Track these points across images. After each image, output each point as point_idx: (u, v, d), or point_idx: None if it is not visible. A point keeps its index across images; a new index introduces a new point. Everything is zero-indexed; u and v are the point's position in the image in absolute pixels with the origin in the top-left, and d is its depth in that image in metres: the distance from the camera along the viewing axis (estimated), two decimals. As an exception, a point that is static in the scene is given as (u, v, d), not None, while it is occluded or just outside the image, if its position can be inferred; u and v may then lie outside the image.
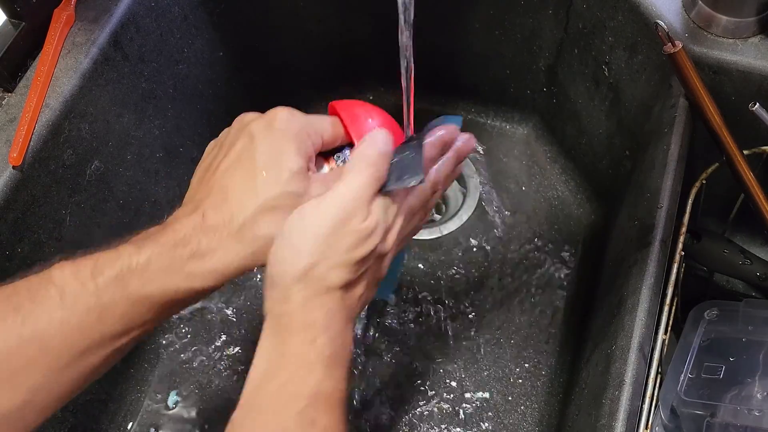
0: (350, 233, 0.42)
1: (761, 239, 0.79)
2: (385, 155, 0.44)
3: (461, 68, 0.93)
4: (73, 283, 0.40)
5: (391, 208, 0.44)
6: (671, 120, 0.63)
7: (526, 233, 0.88)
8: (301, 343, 0.40)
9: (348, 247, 0.42)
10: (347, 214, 0.42)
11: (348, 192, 0.42)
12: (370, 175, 0.43)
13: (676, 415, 0.54)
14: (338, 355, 0.42)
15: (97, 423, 0.76)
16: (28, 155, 0.59)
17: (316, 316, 0.41)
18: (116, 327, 0.41)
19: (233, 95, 0.88)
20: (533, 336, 0.81)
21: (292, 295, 0.41)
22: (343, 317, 0.42)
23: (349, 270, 0.42)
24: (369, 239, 0.42)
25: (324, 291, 0.42)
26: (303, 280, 0.41)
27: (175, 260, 0.42)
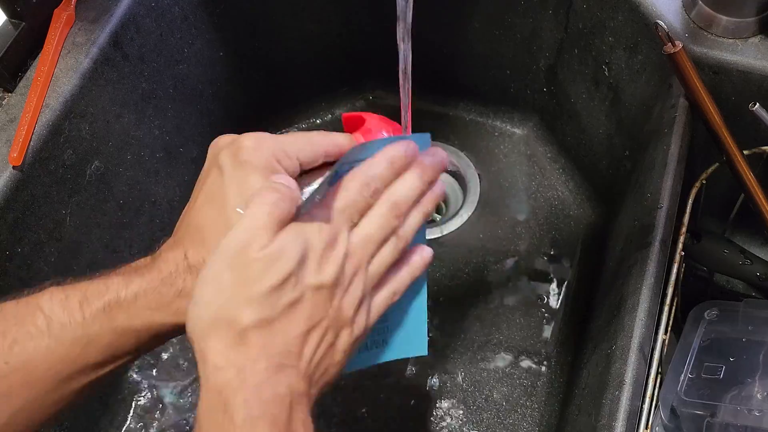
0: (250, 263, 0.37)
1: (761, 239, 0.79)
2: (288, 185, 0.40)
3: (461, 68, 0.93)
4: (61, 313, 0.40)
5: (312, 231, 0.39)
6: (671, 120, 0.63)
7: (526, 233, 0.88)
8: (215, 412, 0.36)
9: (251, 278, 0.37)
10: (241, 244, 0.37)
11: (240, 227, 0.38)
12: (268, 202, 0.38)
13: (676, 415, 0.54)
14: (261, 415, 0.36)
15: (97, 423, 0.76)
16: (28, 155, 0.59)
17: (226, 377, 0.36)
18: (100, 357, 0.41)
19: (233, 95, 0.88)
20: (533, 336, 0.81)
21: (207, 353, 0.37)
22: (263, 368, 0.36)
23: (261, 303, 0.37)
24: (276, 264, 0.37)
25: (238, 338, 0.36)
26: (213, 330, 0.37)
27: (162, 297, 0.41)
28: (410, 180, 0.42)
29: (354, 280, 0.40)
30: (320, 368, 0.40)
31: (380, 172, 0.41)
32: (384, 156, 0.41)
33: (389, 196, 0.41)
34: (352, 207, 0.40)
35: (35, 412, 0.41)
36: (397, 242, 0.42)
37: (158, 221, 0.78)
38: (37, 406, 0.40)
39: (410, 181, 0.42)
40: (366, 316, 0.42)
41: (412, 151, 0.42)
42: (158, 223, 0.78)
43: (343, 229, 0.40)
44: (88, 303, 0.41)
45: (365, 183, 0.41)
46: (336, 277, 0.39)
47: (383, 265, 0.42)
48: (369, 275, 0.41)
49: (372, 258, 0.41)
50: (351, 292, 0.40)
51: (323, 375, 0.40)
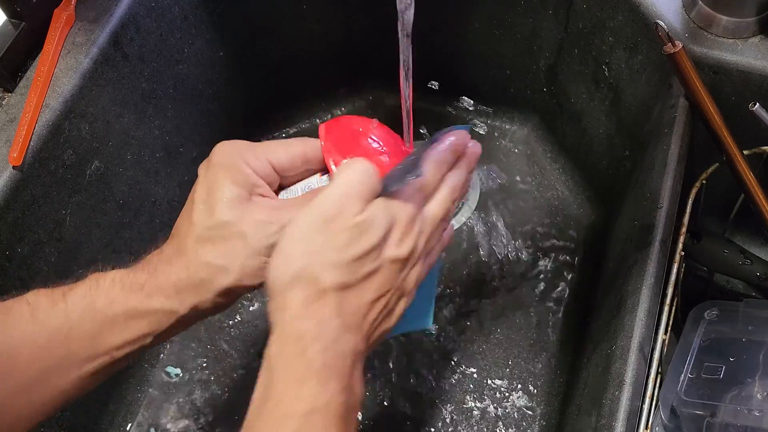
0: (340, 230, 0.40)
1: (761, 239, 0.79)
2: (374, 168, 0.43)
3: (461, 68, 0.93)
4: (45, 302, 0.42)
5: (398, 207, 0.42)
6: (671, 120, 0.63)
7: (526, 233, 0.88)
8: (292, 356, 0.39)
9: (339, 245, 0.40)
10: (336, 210, 0.40)
11: (335, 190, 0.41)
12: (360, 171, 0.41)
13: (676, 415, 0.54)
14: (333, 365, 0.39)
15: (97, 423, 0.76)
16: (28, 155, 0.59)
17: (306, 326, 0.39)
18: (83, 348, 0.42)
19: (233, 95, 0.88)
20: (533, 336, 0.81)
21: (287, 302, 0.39)
22: (338, 325, 0.40)
23: (344, 270, 0.40)
24: (364, 236, 0.40)
25: (318, 295, 0.39)
26: (296, 284, 0.39)
27: (136, 280, 0.43)
28: (462, 170, 0.47)
29: (420, 256, 0.44)
30: (378, 331, 0.43)
31: (447, 157, 0.46)
32: (449, 143, 0.46)
33: (449, 181, 0.46)
34: (428, 188, 0.45)
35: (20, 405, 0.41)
36: (445, 223, 0.47)
37: (158, 221, 0.78)
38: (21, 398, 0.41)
39: (462, 170, 0.47)
40: (416, 287, 0.45)
41: (466, 141, 0.48)
42: (158, 223, 0.78)
43: (420, 206, 0.44)
44: (71, 292, 0.43)
45: (438, 166, 0.45)
46: (410, 253, 0.43)
47: (436, 241, 0.46)
48: (426, 251, 0.45)
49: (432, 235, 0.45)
50: (417, 267, 0.44)
51: (378, 337, 0.44)
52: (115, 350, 0.43)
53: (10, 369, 0.40)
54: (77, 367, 0.42)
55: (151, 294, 0.43)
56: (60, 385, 0.42)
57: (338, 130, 0.48)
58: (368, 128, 0.48)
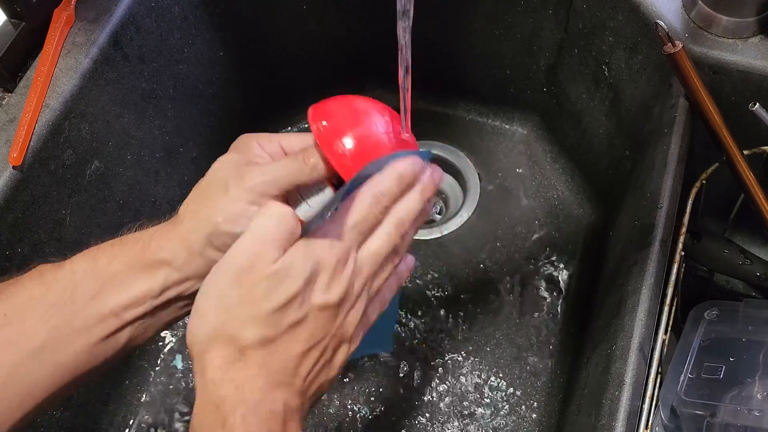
0: (256, 281, 0.37)
1: (761, 239, 0.79)
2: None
3: (461, 68, 0.93)
4: (52, 267, 0.43)
5: (323, 249, 0.39)
6: (671, 120, 0.63)
7: (526, 233, 0.88)
8: (212, 427, 0.36)
9: (256, 297, 0.37)
10: (249, 261, 0.38)
11: (247, 239, 0.38)
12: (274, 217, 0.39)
13: (676, 415, 0.54)
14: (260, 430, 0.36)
15: (97, 423, 0.76)
16: (28, 155, 0.59)
17: (225, 392, 0.36)
18: (90, 307, 0.42)
19: (233, 95, 0.88)
20: (533, 336, 0.81)
21: (206, 366, 0.37)
22: (262, 386, 0.37)
23: (264, 323, 0.37)
24: (283, 284, 0.37)
25: (238, 354, 0.37)
26: (213, 344, 0.37)
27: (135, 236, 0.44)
28: (414, 198, 0.43)
29: (360, 298, 0.41)
30: (315, 384, 0.40)
31: (390, 188, 0.42)
32: (393, 173, 0.42)
33: (396, 213, 0.42)
34: (363, 223, 0.41)
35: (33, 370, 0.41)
36: (396, 257, 0.43)
37: (158, 221, 0.78)
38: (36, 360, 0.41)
39: (414, 199, 0.43)
40: (363, 329, 0.42)
41: (418, 169, 0.43)
42: (158, 223, 0.78)
43: (353, 246, 0.41)
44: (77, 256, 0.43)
45: (376, 200, 0.41)
46: (343, 296, 0.40)
47: (383, 280, 0.43)
48: (371, 291, 0.42)
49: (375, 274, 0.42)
50: (355, 310, 0.41)
51: (317, 390, 0.41)
52: (121, 310, 0.43)
53: (21, 331, 0.41)
54: (86, 329, 0.42)
55: (145, 246, 0.43)
56: (70, 347, 0.42)
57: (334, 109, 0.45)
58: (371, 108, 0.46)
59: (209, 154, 0.84)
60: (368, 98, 0.47)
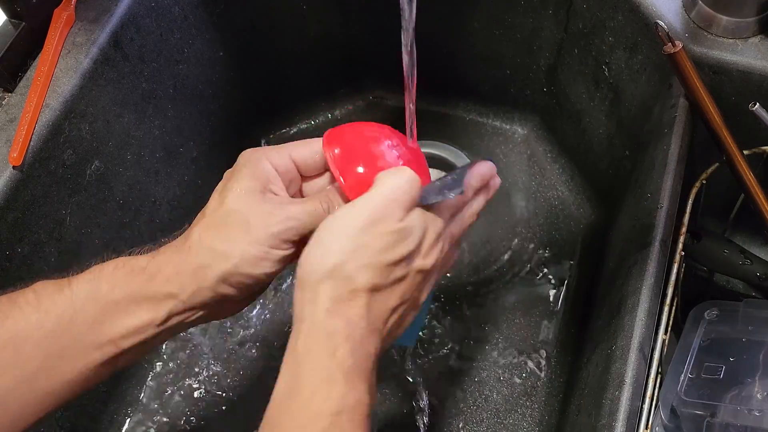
0: (382, 234, 0.41)
1: (761, 239, 0.79)
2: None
3: (461, 68, 0.93)
4: (51, 290, 0.42)
5: (431, 220, 0.44)
6: (671, 120, 0.63)
7: (526, 233, 0.88)
8: (322, 354, 0.39)
9: (378, 248, 0.41)
10: (380, 214, 0.41)
11: (381, 193, 0.42)
12: (406, 179, 0.43)
13: (676, 415, 0.54)
14: (361, 366, 0.40)
15: (97, 423, 0.76)
16: (28, 155, 0.59)
17: (337, 325, 0.40)
18: (88, 335, 0.42)
19: (233, 95, 0.88)
20: (533, 336, 0.81)
21: (318, 296, 0.40)
22: (366, 327, 0.41)
23: (379, 272, 0.41)
24: (402, 243, 0.42)
25: (350, 294, 0.40)
26: (330, 279, 0.40)
27: (138, 264, 0.44)
28: (482, 200, 0.49)
29: (438, 272, 0.46)
30: (390, 337, 0.44)
31: (476, 184, 0.48)
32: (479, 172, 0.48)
33: (473, 206, 0.48)
34: (455, 209, 0.47)
35: (25, 395, 0.41)
36: (459, 243, 0.49)
37: (158, 221, 0.78)
38: (26, 387, 0.41)
39: (482, 200, 0.49)
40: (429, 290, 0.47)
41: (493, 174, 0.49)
42: (158, 223, 0.78)
43: (447, 223, 0.46)
44: (76, 279, 0.43)
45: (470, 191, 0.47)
46: (433, 266, 0.44)
47: (449, 259, 0.48)
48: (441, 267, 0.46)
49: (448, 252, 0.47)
50: (432, 281, 0.46)
51: (389, 343, 0.44)
52: (119, 339, 0.43)
53: (15, 357, 0.41)
54: (83, 356, 0.42)
55: (152, 277, 0.43)
56: (65, 374, 0.42)
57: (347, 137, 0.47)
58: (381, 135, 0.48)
59: (209, 154, 0.84)
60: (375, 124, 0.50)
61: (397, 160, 0.46)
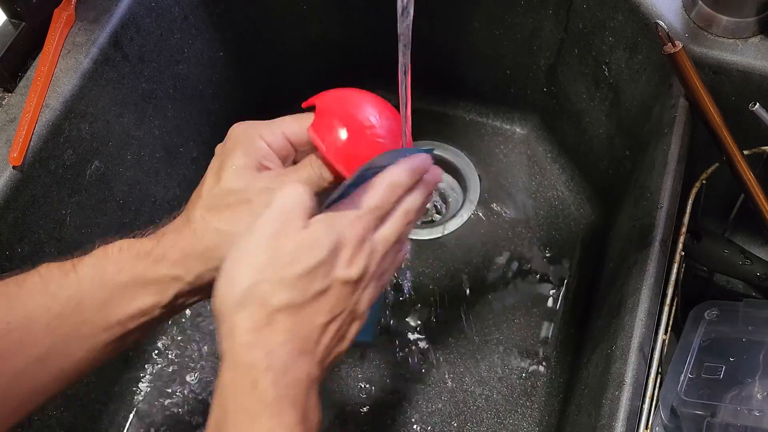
0: (283, 246, 0.39)
1: (761, 239, 0.79)
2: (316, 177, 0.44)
3: (461, 68, 0.93)
4: (57, 273, 0.42)
5: (345, 227, 0.41)
6: (671, 120, 0.63)
7: (526, 233, 0.88)
8: (243, 389, 0.37)
9: (284, 262, 0.39)
10: (278, 226, 0.39)
11: (274, 210, 0.40)
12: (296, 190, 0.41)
13: (676, 415, 0.54)
14: (286, 396, 0.38)
15: (97, 423, 0.76)
16: (28, 155, 0.59)
17: (256, 356, 0.37)
18: (95, 317, 0.42)
19: (233, 95, 0.88)
20: (533, 336, 0.81)
21: (235, 328, 0.38)
22: (289, 351, 0.38)
23: (291, 287, 0.39)
24: (309, 252, 0.39)
25: (267, 318, 0.38)
26: (244, 306, 0.38)
27: (143, 247, 0.43)
28: (419, 193, 0.45)
29: (372, 278, 0.43)
30: (331, 355, 0.42)
31: (404, 180, 0.44)
32: (408, 166, 0.44)
33: (406, 203, 0.44)
34: (380, 209, 0.43)
35: (35, 377, 0.41)
36: (399, 245, 0.45)
37: (158, 221, 0.78)
38: (36, 369, 0.41)
39: (419, 194, 0.45)
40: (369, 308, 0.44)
41: (427, 166, 0.46)
42: (158, 223, 0.78)
43: (371, 228, 0.42)
44: (81, 262, 0.43)
45: (392, 189, 0.43)
46: (362, 274, 0.41)
47: (389, 264, 0.45)
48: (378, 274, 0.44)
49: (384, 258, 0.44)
50: (369, 289, 0.43)
51: (332, 361, 0.42)
52: (126, 320, 0.43)
53: (25, 341, 0.41)
54: (91, 337, 0.42)
55: (157, 260, 0.43)
56: (74, 355, 0.42)
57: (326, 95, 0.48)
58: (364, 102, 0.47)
59: (209, 154, 0.83)
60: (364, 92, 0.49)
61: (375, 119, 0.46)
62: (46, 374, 0.42)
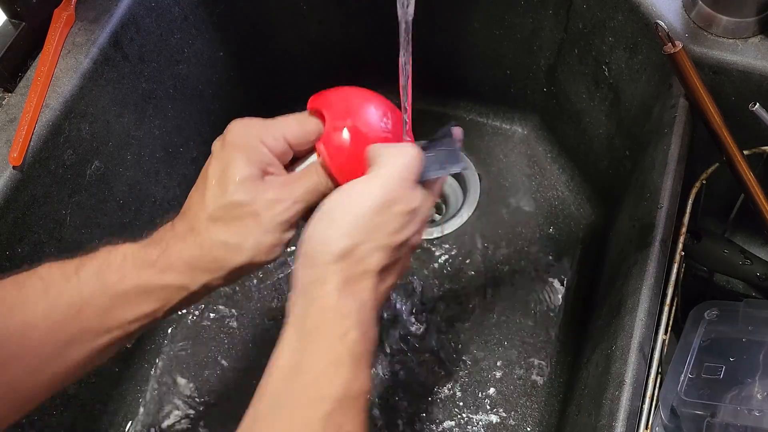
0: (395, 216, 0.41)
1: (761, 239, 0.79)
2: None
3: (461, 68, 0.93)
4: (58, 277, 0.42)
5: (429, 198, 0.44)
6: (671, 120, 0.63)
7: (526, 233, 0.88)
8: (332, 335, 0.39)
9: (391, 230, 0.41)
10: (394, 195, 0.41)
11: (392, 174, 0.42)
12: (413, 157, 0.43)
13: (676, 415, 0.54)
14: (367, 352, 0.40)
15: (97, 423, 0.76)
16: (28, 155, 0.59)
17: (350, 307, 0.39)
18: (96, 323, 0.42)
19: (233, 95, 0.88)
20: (533, 336, 0.81)
21: (329, 276, 0.40)
22: (373, 308, 0.41)
23: (389, 254, 0.41)
24: (411, 223, 0.42)
25: (360, 276, 0.40)
26: (343, 260, 0.40)
27: (148, 256, 0.43)
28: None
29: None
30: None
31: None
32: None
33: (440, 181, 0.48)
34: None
35: (34, 382, 0.41)
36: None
37: (158, 221, 0.78)
38: (35, 374, 0.41)
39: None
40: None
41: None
42: (158, 223, 0.78)
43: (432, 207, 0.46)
44: (83, 267, 0.43)
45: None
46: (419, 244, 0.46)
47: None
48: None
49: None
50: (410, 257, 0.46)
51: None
52: (128, 324, 0.43)
53: (25, 346, 0.40)
54: (91, 341, 0.42)
55: (163, 270, 0.43)
56: (74, 358, 0.42)
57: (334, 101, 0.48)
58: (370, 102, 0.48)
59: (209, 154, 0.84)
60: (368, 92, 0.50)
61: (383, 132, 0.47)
62: (43, 380, 0.42)
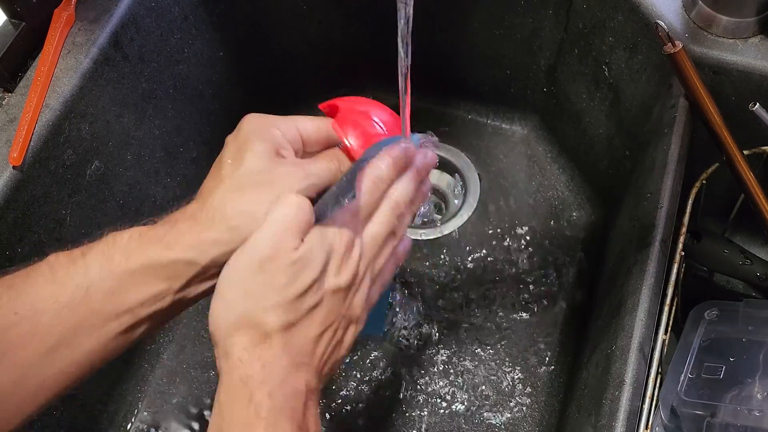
0: (280, 269, 0.39)
1: (761, 239, 0.79)
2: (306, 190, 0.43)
3: (461, 68, 0.93)
4: (65, 261, 0.42)
5: (331, 235, 0.41)
6: (671, 120, 0.63)
7: (526, 233, 0.88)
8: (239, 403, 0.38)
9: (281, 285, 0.39)
10: (272, 249, 0.39)
11: (269, 229, 0.40)
12: (293, 206, 0.40)
13: (676, 416, 0.54)
14: (283, 408, 0.38)
15: (97, 423, 0.76)
16: (28, 155, 0.59)
17: (251, 370, 0.38)
18: (104, 305, 0.41)
19: (233, 95, 0.88)
20: (533, 336, 0.81)
21: (230, 349, 0.39)
22: (285, 365, 0.39)
23: (287, 309, 0.39)
24: (304, 272, 0.39)
25: (262, 338, 0.39)
26: (238, 329, 0.39)
27: (156, 233, 0.43)
28: (407, 181, 0.45)
29: (364, 280, 0.43)
30: (329, 364, 0.42)
31: (385, 173, 0.44)
32: (386, 158, 0.44)
33: (391, 196, 0.44)
34: (365, 209, 0.43)
35: (45, 369, 0.41)
36: (394, 239, 0.45)
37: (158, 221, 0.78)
38: (46, 361, 0.41)
39: (407, 182, 0.45)
40: (367, 309, 0.44)
41: (410, 153, 0.45)
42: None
43: (358, 230, 0.42)
44: (89, 249, 0.43)
45: (374, 185, 0.43)
46: (352, 280, 0.42)
47: (384, 261, 0.45)
48: (373, 272, 0.44)
49: (376, 256, 0.44)
50: (361, 291, 0.43)
51: (330, 369, 0.43)
52: (137, 307, 0.42)
53: (33, 332, 0.40)
54: (100, 326, 0.42)
55: (170, 245, 0.42)
56: (84, 346, 0.41)
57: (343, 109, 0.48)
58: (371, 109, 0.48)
59: (209, 154, 0.84)
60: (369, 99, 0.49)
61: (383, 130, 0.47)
62: (55, 367, 0.41)
